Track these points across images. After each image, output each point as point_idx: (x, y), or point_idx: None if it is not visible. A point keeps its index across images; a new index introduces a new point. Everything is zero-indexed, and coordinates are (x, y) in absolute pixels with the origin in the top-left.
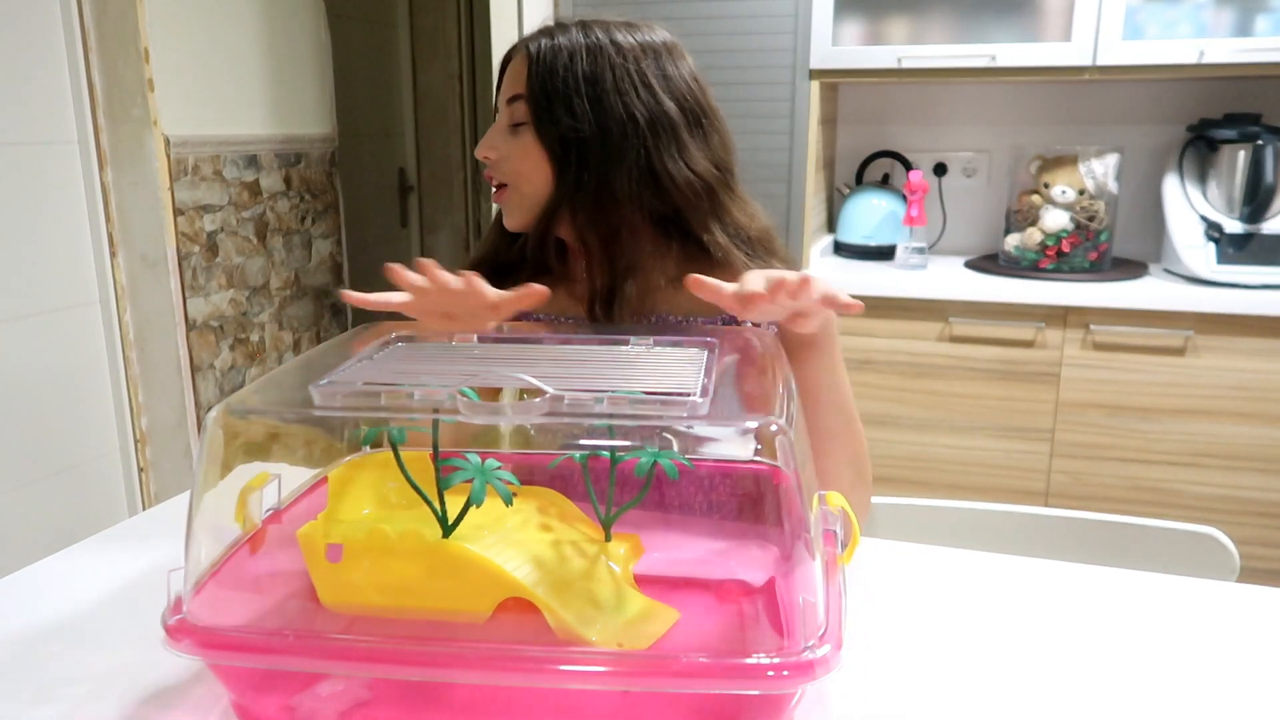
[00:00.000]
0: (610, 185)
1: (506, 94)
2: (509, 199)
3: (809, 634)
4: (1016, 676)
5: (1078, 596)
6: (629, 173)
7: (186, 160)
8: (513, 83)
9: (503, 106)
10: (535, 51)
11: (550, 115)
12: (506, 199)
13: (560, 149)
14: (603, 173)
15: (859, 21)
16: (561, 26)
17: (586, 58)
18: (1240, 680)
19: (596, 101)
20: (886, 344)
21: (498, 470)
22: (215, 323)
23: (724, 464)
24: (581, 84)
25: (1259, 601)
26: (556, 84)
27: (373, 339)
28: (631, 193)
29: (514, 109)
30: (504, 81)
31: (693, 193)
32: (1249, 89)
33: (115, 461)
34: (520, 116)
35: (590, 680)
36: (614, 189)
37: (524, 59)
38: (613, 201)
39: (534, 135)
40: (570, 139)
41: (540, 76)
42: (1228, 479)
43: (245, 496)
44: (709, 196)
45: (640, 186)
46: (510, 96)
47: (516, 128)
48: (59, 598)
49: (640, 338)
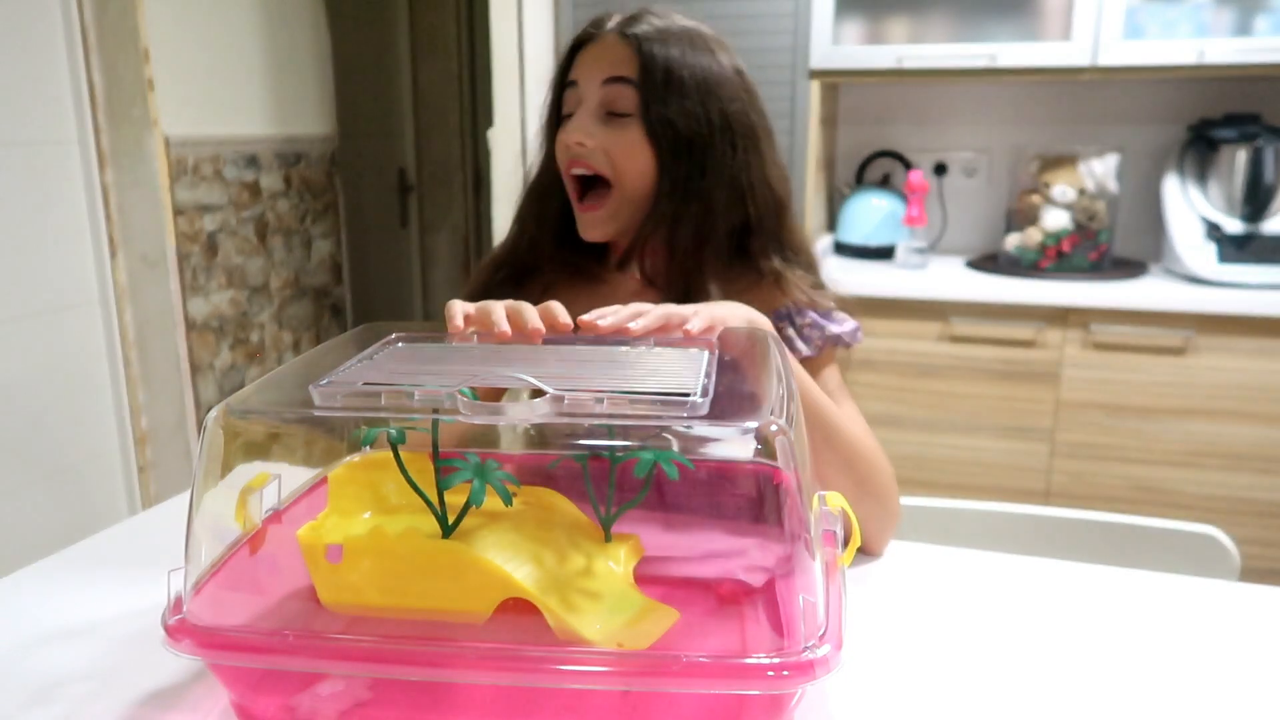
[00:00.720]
0: (708, 192)
1: (598, 75)
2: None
3: (809, 634)
4: (1017, 676)
5: (1078, 596)
6: (723, 180)
7: (186, 160)
8: (610, 64)
9: (591, 89)
10: (642, 35)
11: (664, 106)
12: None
13: (670, 146)
14: (703, 177)
15: (859, 21)
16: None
17: (692, 52)
18: (1240, 680)
19: (702, 101)
20: (886, 344)
21: (498, 470)
22: (215, 323)
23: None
24: (694, 78)
25: (1259, 601)
26: (671, 73)
27: (373, 339)
28: (723, 202)
29: (614, 93)
30: (584, 62)
31: (766, 209)
32: (1249, 89)
33: (115, 461)
34: (625, 105)
35: (590, 680)
36: (711, 196)
37: (625, 42)
38: (708, 209)
39: (640, 127)
40: (681, 136)
41: (654, 62)
42: (1228, 479)
43: (245, 496)
44: (776, 215)
45: (730, 196)
46: (609, 78)
47: (613, 117)
48: (59, 598)
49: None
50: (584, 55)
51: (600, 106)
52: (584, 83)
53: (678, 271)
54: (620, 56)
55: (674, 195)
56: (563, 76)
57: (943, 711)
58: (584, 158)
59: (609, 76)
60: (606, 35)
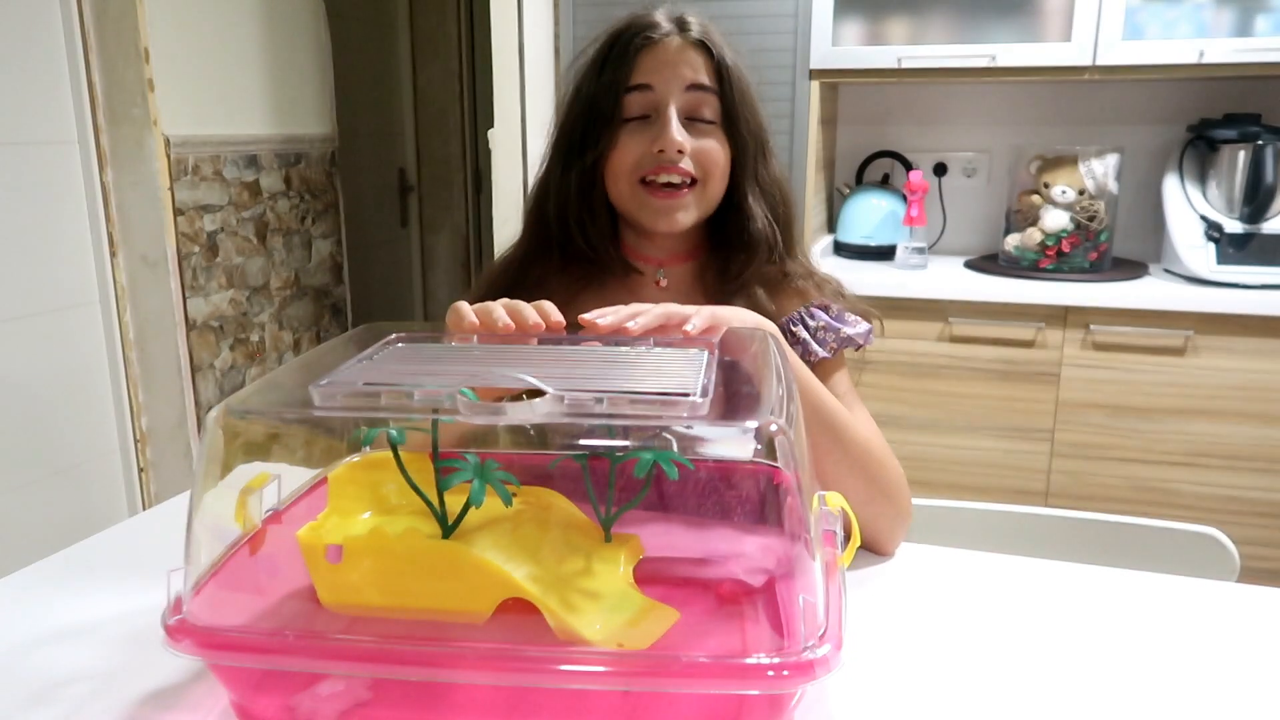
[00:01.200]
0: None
1: (679, 81)
2: (691, 199)
3: (809, 634)
4: (1017, 676)
5: (1078, 596)
6: (769, 183)
7: (186, 160)
8: (690, 70)
9: (671, 94)
10: (709, 41)
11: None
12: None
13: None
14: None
15: (859, 21)
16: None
17: (742, 63)
18: (1240, 680)
19: (755, 107)
20: (886, 344)
21: (497, 470)
22: (215, 323)
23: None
24: (749, 86)
25: (1259, 601)
26: (741, 82)
27: (373, 339)
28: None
29: (697, 99)
30: (655, 67)
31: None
32: (1249, 89)
33: (115, 461)
34: (708, 112)
35: (590, 680)
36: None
37: (698, 48)
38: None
39: (722, 134)
40: (752, 143)
41: (729, 71)
42: (1228, 479)
43: (245, 496)
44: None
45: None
46: (692, 84)
47: (694, 122)
48: (59, 598)
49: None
50: (652, 59)
51: (683, 112)
52: (662, 87)
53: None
54: (696, 62)
55: (750, 201)
56: (622, 78)
57: (943, 711)
58: (679, 163)
59: (692, 84)
60: (672, 39)
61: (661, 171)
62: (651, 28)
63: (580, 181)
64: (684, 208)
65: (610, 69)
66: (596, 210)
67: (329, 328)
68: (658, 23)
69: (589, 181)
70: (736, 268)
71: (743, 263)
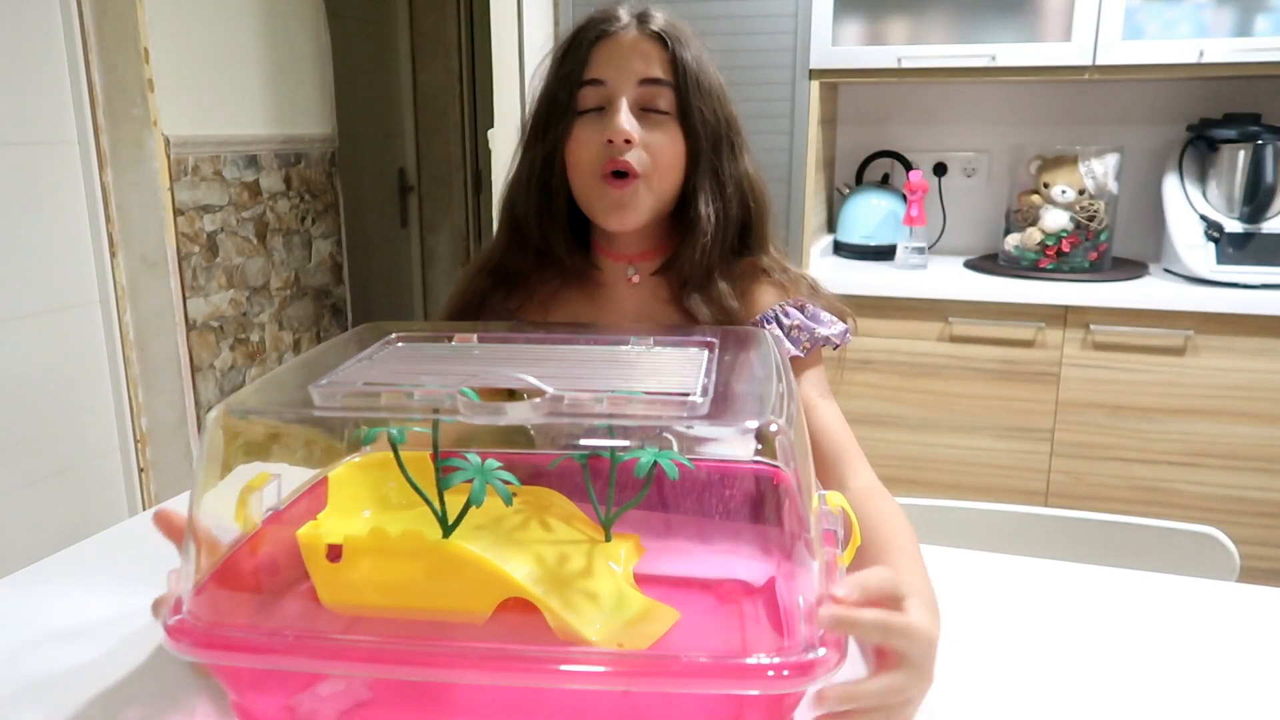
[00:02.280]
0: (726, 190)
1: (632, 74)
2: (637, 193)
3: (809, 634)
4: (1017, 676)
5: (1078, 596)
6: (735, 178)
7: (186, 160)
8: (643, 63)
9: (626, 87)
10: (667, 34)
11: (700, 105)
12: (632, 192)
13: (702, 145)
14: (721, 176)
15: (859, 21)
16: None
17: (708, 58)
18: (1240, 680)
19: (718, 101)
20: (886, 344)
21: (498, 470)
22: (215, 323)
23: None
24: (711, 79)
25: (1259, 601)
26: (700, 75)
27: (373, 339)
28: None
29: (651, 93)
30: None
31: (762, 205)
32: (1249, 89)
33: (115, 461)
34: (662, 104)
35: (590, 680)
36: (727, 194)
37: (654, 41)
38: (725, 207)
39: (677, 127)
40: (710, 136)
41: (685, 64)
42: (1228, 479)
43: (245, 496)
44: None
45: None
46: (648, 78)
47: (648, 114)
48: (59, 598)
49: (640, 338)
50: (606, 52)
51: (635, 104)
52: (615, 81)
53: (692, 269)
54: (651, 55)
55: (701, 194)
56: (577, 72)
57: (943, 711)
58: (626, 155)
59: (646, 77)
60: (628, 32)
61: (612, 163)
62: (609, 21)
63: (540, 176)
64: (631, 202)
65: (568, 63)
66: (555, 207)
67: (329, 328)
68: (617, 16)
69: (547, 175)
70: (686, 262)
71: (689, 257)
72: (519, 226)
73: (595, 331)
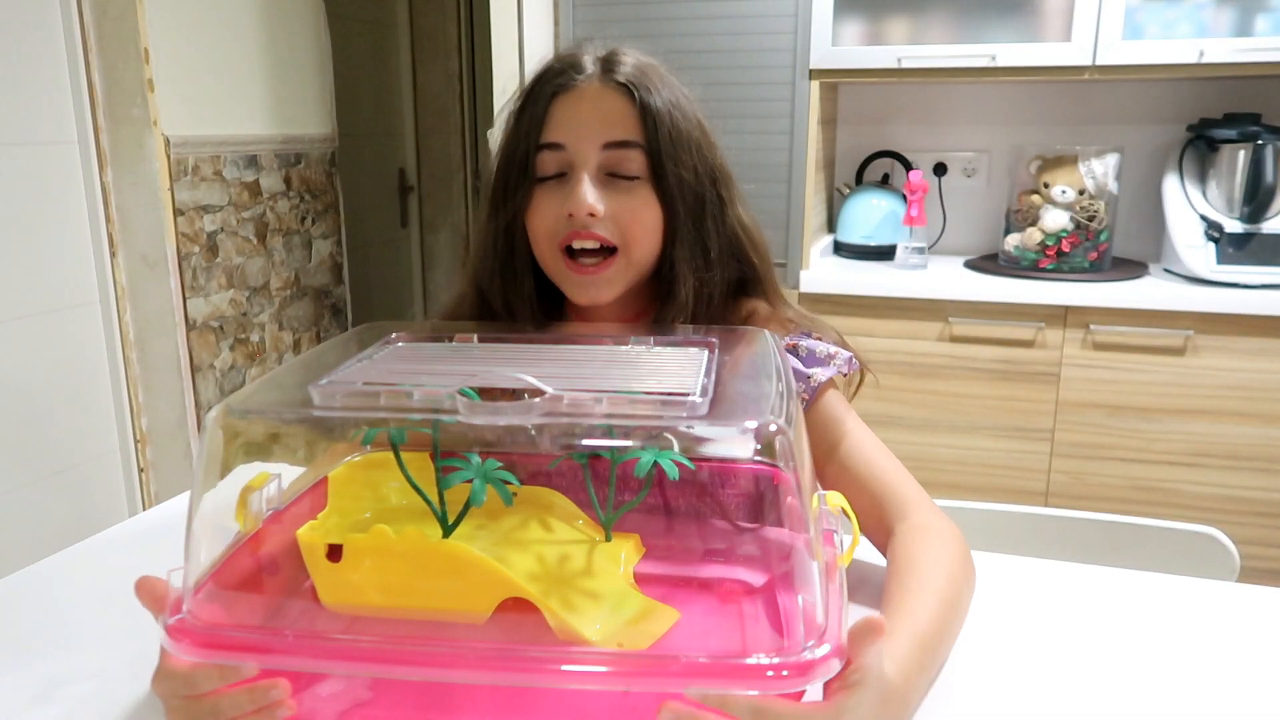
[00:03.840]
0: (711, 248)
1: (596, 138)
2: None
3: (809, 634)
4: (1017, 676)
5: (1078, 596)
6: (724, 232)
7: (186, 160)
8: (608, 123)
9: (589, 152)
10: (635, 84)
11: (675, 169)
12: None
13: (681, 207)
14: (706, 234)
15: (859, 21)
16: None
17: (686, 104)
18: (1240, 680)
19: (697, 153)
20: (886, 344)
21: (498, 470)
22: (215, 323)
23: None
24: (688, 130)
25: (1259, 601)
26: (674, 130)
27: (373, 339)
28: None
29: (618, 157)
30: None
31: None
32: (1249, 89)
33: (115, 461)
34: (631, 168)
35: (590, 680)
36: (713, 251)
37: (620, 93)
38: (709, 265)
39: (650, 191)
40: (689, 196)
41: (658, 120)
42: (1228, 479)
43: (245, 496)
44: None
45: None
46: (613, 141)
47: (615, 179)
48: (59, 598)
49: (640, 338)
50: (566, 110)
51: (600, 170)
52: (577, 146)
53: None
54: (618, 113)
55: (681, 264)
56: (535, 132)
57: (943, 711)
58: (592, 228)
59: (610, 141)
60: (590, 84)
61: (575, 237)
62: (569, 72)
63: (502, 250)
64: (606, 284)
65: (525, 119)
66: (519, 273)
67: (329, 328)
68: (580, 63)
69: (508, 248)
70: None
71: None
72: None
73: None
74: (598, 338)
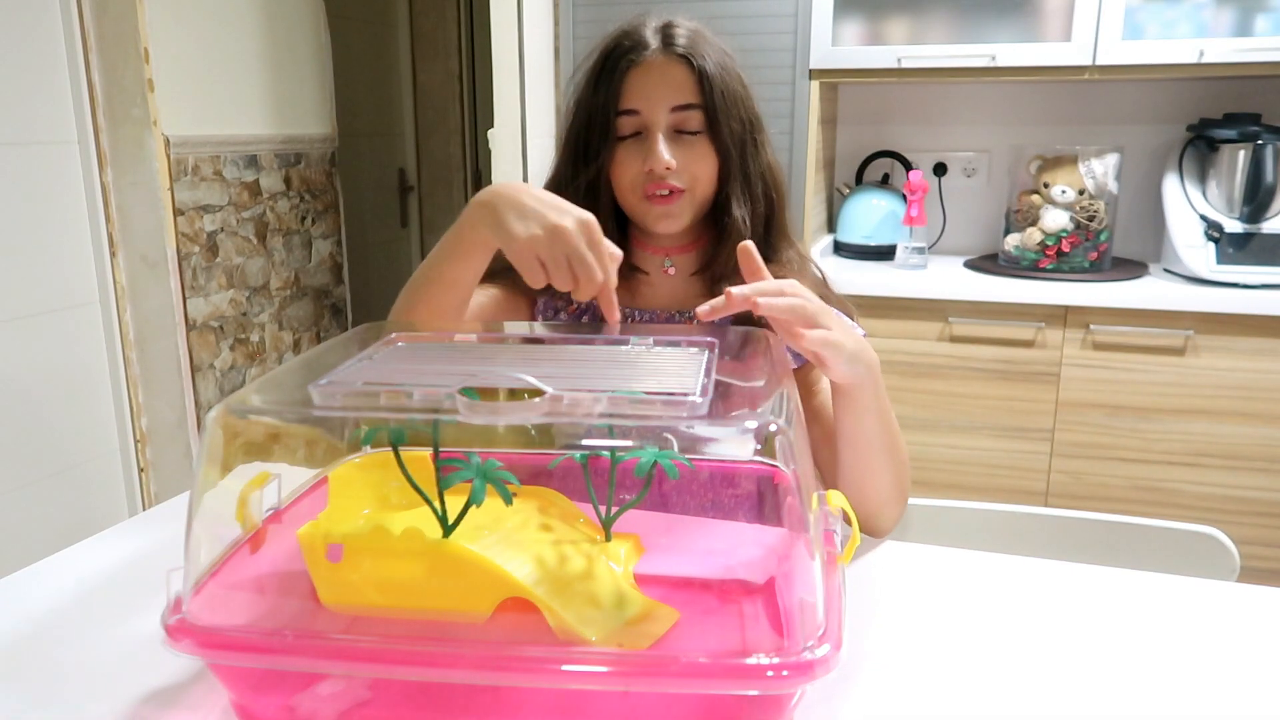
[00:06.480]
0: (755, 188)
1: (665, 102)
2: (681, 205)
3: (809, 634)
4: (1016, 676)
5: (1078, 596)
6: (760, 174)
7: (186, 160)
8: (674, 90)
9: (659, 116)
10: (693, 54)
11: (728, 123)
12: (679, 205)
13: (732, 155)
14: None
15: (859, 21)
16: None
17: (729, 61)
18: (1240, 680)
19: (743, 107)
20: (886, 344)
21: (498, 470)
22: (215, 323)
23: (724, 464)
24: (736, 90)
25: (1259, 601)
26: (729, 93)
27: (373, 339)
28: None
29: (683, 117)
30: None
31: (783, 195)
32: (1249, 89)
33: (115, 461)
34: (693, 125)
35: (590, 680)
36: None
37: (685, 68)
38: (754, 203)
39: (709, 142)
40: (738, 145)
41: (713, 84)
42: (1228, 479)
43: (245, 496)
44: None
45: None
46: (678, 105)
47: (680, 135)
48: (59, 598)
49: (640, 338)
50: (638, 80)
51: (669, 130)
52: (650, 111)
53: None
54: (681, 81)
55: (734, 199)
56: (613, 101)
57: (943, 711)
58: (667, 179)
59: (678, 104)
60: (656, 57)
61: (655, 188)
62: (638, 48)
63: (588, 189)
64: (678, 212)
65: (602, 89)
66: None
67: (329, 328)
68: (645, 40)
69: (595, 190)
70: (723, 262)
71: (726, 257)
72: None
73: (595, 331)
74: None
